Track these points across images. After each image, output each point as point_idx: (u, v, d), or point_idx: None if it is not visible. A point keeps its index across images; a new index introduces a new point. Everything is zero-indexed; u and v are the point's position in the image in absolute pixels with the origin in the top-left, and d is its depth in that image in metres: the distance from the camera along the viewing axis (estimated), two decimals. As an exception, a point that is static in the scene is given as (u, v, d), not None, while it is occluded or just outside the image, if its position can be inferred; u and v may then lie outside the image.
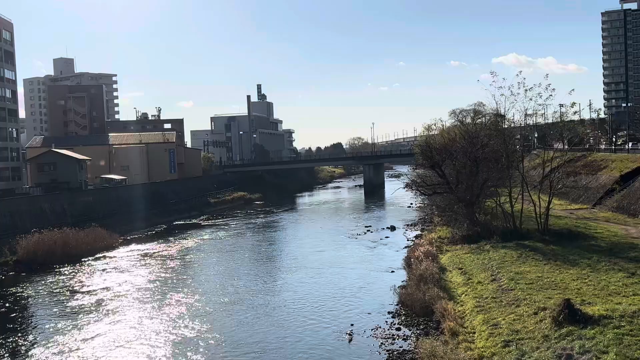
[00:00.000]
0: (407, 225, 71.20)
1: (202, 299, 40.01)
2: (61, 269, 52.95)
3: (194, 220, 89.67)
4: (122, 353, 29.74)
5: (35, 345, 31.59)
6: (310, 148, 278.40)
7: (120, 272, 50.92)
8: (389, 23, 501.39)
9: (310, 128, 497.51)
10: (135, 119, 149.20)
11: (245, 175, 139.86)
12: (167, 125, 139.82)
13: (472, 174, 49.91)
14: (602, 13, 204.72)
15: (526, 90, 46.05)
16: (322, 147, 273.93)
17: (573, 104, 48.31)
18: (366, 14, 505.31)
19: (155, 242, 67.40)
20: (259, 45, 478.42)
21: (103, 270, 52.34)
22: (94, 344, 31.25)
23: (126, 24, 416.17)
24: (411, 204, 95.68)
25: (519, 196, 48.13)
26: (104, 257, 58.63)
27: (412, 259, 41.64)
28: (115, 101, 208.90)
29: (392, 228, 68.46)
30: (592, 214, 58.91)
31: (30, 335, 33.84)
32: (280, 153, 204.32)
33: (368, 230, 68.27)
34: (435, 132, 67.16)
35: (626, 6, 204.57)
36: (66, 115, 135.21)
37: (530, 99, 46.66)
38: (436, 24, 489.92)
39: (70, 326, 34.75)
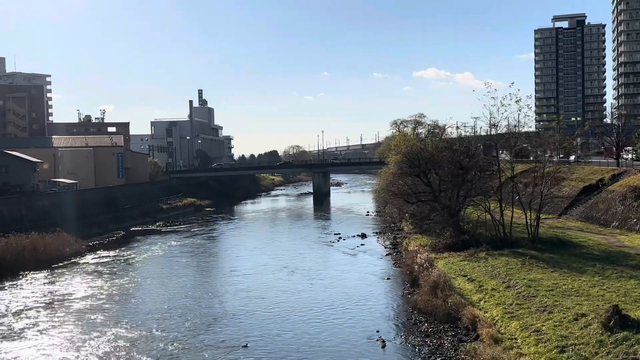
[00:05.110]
0: (376, 233, 71.54)
1: (213, 300, 38.98)
2: (35, 275, 50.25)
3: (150, 227, 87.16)
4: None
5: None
6: (243, 155, 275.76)
7: (98, 279, 48.75)
8: (309, 34, 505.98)
9: (237, 135, 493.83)
10: (77, 120, 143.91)
11: (190, 181, 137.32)
12: (112, 129, 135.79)
13: (458, 183, 50.71)
14: (535, 30, 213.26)
15: (517, 101, 47.48)
16: (256, 154, 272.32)
17: (562, 117, 49.93)
18: (287, 27, 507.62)
19: (123, 248, 64.90)
20: (182, 49, 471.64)
21: (80, 276, 50.13)
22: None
23: (43, 24, 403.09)
24: (368, 211, 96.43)
25: (506, 205, 49.26)
26: (75, 263, 56.20)
27: (415, 266, 41.83)
28: (50, 102, 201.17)
29: (363, 236, 68.63)
30: (561, 223, 60.84)
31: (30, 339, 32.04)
32: (220, 159, 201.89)
33: (340, 238, 68.13)
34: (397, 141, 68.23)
35: (557, 24, 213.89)
36: (4, 116, 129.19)
37: (520, 110, 48.16)
38: (359, 37, 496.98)
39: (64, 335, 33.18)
